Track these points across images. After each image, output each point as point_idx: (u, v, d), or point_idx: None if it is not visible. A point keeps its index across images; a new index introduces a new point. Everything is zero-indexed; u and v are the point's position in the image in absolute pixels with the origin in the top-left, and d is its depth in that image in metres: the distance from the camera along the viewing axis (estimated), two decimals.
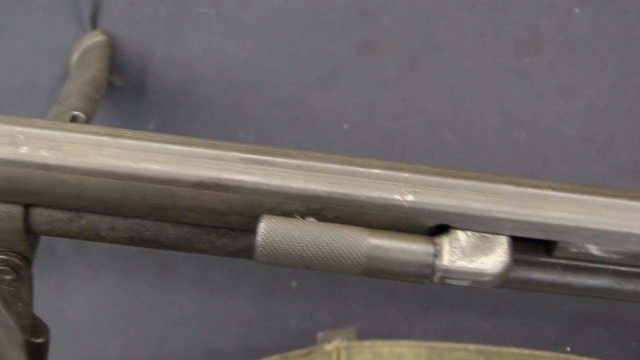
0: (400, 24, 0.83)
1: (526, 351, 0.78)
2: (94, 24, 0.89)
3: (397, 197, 0.45)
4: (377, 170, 0.45)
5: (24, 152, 0.45)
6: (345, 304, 0.82)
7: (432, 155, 0.82)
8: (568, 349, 0.79)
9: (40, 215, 0.48)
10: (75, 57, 0.87)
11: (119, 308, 0.86)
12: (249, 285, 0.83)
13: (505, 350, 0.78)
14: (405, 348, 0.80)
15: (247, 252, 0.49)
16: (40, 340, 0.53)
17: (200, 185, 0.45)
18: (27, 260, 0.49)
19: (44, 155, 0.45)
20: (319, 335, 0.77)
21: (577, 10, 0.81)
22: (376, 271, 0.44)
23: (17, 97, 0.89)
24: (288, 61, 0.86)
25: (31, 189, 0.45)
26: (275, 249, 0.44)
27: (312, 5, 0.86)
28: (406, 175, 0.45)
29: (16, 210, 0.47)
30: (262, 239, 0.44)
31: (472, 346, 0.79)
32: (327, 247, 0.44)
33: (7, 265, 0.49)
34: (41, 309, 0.57)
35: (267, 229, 0.44)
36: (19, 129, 0.45)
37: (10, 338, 0.52)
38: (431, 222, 0.45)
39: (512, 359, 0.78)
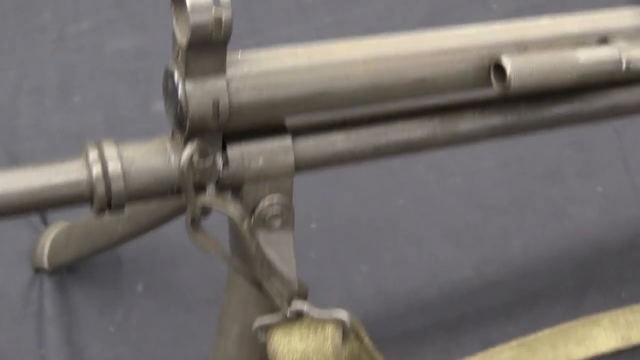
0: None
1: (556, 327, 0.89)
2: (45, 221, 0.93)
3: None
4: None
5: (325, 62, 0.52)
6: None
7: None
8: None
9: (305, 145, 0.55)
10: (46, 249, 0.89)
11: None
12: None
13: (540, 334, 0.89)
14: None
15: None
16: (304, 288, 0.56)
17: (442, 52, 0.55)
18: (291, 201, 0.55)
19: (326, 59, 0.53)
20: None
21: None
22: (588, 75, 0.57)
23: None
24: None
25: (319, 89, 0.52)
26: (522, 71, 0.55)
27: None
28: None
29: (287, 141, 0.54)
30: (512, 68, 0.55)
31: (513, 343, 0.88)
32: (553, 62, 0.56)
33: (279, 209, 0.54)
34: None
35: (511, 60, 0.55)
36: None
37: (273, 290, 0.54)
38: None
39: (547, 339, 0.88)
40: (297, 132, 0.53)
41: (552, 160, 0.97)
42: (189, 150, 0.48)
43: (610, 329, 0.88)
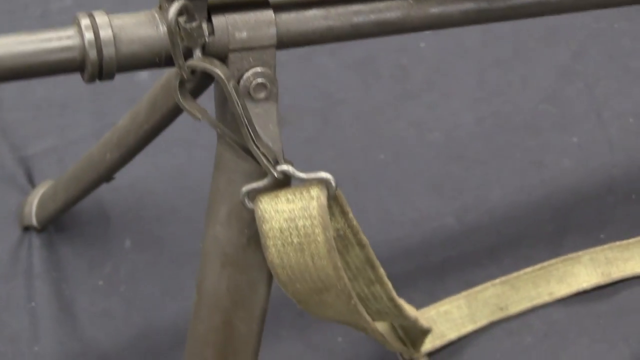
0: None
1: (537, 266, 0.91)
2: (32, 183, 0.94)
3: None
4: None
5: None
6: None
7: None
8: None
9: (286, 19, 0.57)
10: (34, 206, 0.90)
11: None
12: None
13: (522, 272, 0.90)
14: (447, 305, 0.89)
15: None
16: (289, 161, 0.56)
17: None
18: (275, 74, 0.56)
19: None
20: None
21: (422, 44, 1.04)
22: None
23: None
24: None
25: None
26: None
27: None
28: None
29: (269, 14, 0.55)
30: None
31: (496, 281, 0.90)
32: None
33: (263, 79, 0.55)
34: None
35: None
36: None
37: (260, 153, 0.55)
38: None
39: (530, 278, 0.90)
40: (279, 7, 0.56)
41: (527, 115, 1.00)
42: (176, 6, 0.50)
43: (591, 266, 0.90)
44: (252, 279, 0.58)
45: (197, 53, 0.52)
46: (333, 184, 0.53)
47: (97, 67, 0.51)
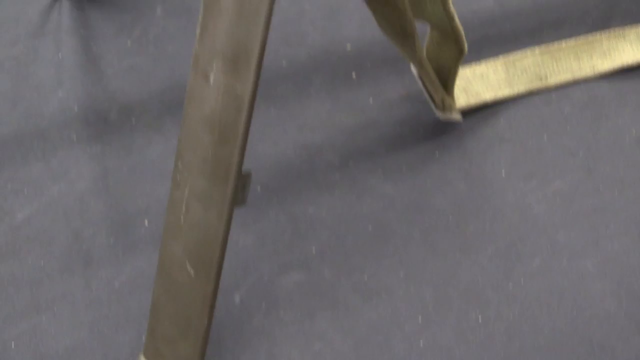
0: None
1: (581, 39, 0.87)
2: None
3: None
4: None
5: None
6: None
7: None
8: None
9: None
10: None
11: None
12: None
13: (563, 44, 0.87)
14: (484, 67, 0.85)
15: None
16: None
17: None
18: None
19: None
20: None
21: None
22: None
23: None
24: None
25: None
26: None
27: None
28: None
29: None
30: None
31: (536, 49, 0.86)
32: None
33: None
34: None
35: None
36: None
37: None
38: None
39: (572, 50, 0.86)
40: None
41: None
42: None
43: (637, 43, 0.86)
44: None
45: None
46: None
47: None
